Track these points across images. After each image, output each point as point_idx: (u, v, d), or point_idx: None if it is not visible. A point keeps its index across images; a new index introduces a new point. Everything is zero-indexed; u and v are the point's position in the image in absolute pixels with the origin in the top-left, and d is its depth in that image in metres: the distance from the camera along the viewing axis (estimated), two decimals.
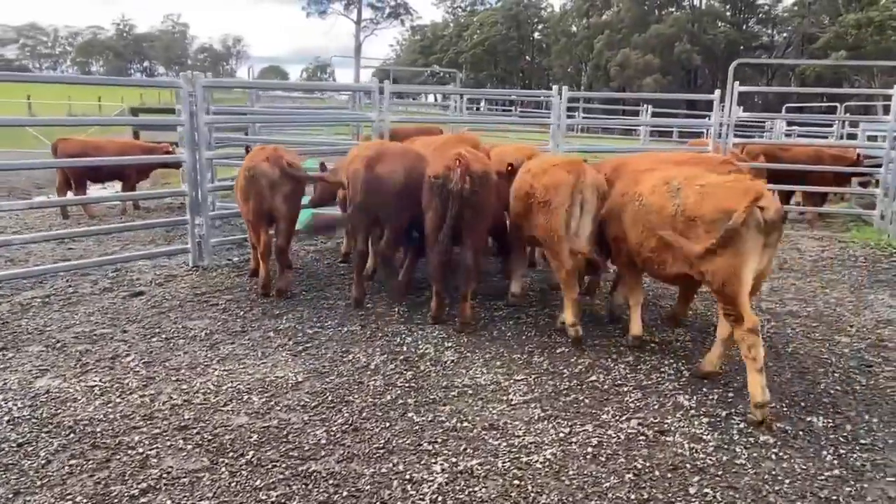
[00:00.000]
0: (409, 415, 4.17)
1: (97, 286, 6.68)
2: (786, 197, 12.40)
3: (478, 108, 36.72)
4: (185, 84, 7.16)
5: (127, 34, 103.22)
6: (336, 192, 7.26)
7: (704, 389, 4.60)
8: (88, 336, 5.34)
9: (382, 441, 3.85)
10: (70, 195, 10.20)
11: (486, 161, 5.85)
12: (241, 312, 5.96)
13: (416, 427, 4.02)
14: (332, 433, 3.92)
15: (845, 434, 4.06)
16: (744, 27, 58.16)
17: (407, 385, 4.59)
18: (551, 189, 5.23)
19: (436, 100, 31.90)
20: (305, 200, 8.27)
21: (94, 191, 11.50)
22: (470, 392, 4.50)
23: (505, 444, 3.85)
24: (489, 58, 73.54)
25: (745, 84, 10.61)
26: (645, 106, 18.04)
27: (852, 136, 15.69)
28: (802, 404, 4.44)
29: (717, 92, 10.27)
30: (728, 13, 58.10)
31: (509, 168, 6.08)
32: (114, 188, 11.81)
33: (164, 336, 5.38)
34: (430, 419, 4.13)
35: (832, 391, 4.66)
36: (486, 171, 5.61)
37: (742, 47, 54.84)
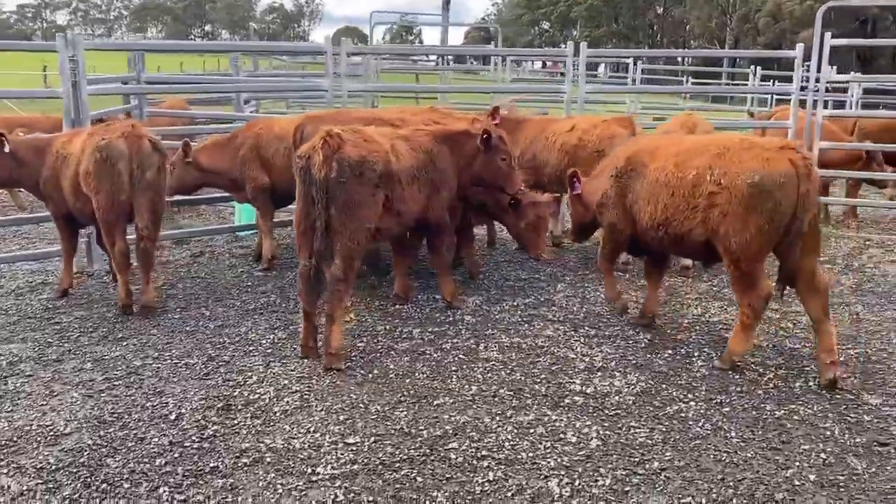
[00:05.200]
0: (161, 490, 3.69)
1: None
2: None
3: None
4: (64, 48, 6.98)
5: None
6: (199, 179, 7.38)
7: None
8: None
9: None
10: None
11: (376, 144, 5.27)
12: (78, 335, 5.67)
13: None
14: None
15: None
16: None
17: (199, 445, 4.10)
18: None
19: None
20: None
21: None
22: (269, 460, 3.96)
23: None
24: (609, 11, 71.75)
25: None
26: (753, 67, 16.61)
27: None
28: None
29: (800, 47, 9.09)
30: None
31: None
32: None
33: None
34: (184, 499, 3.63)
35: None
36: (363, 157, 5.06)
37: None
